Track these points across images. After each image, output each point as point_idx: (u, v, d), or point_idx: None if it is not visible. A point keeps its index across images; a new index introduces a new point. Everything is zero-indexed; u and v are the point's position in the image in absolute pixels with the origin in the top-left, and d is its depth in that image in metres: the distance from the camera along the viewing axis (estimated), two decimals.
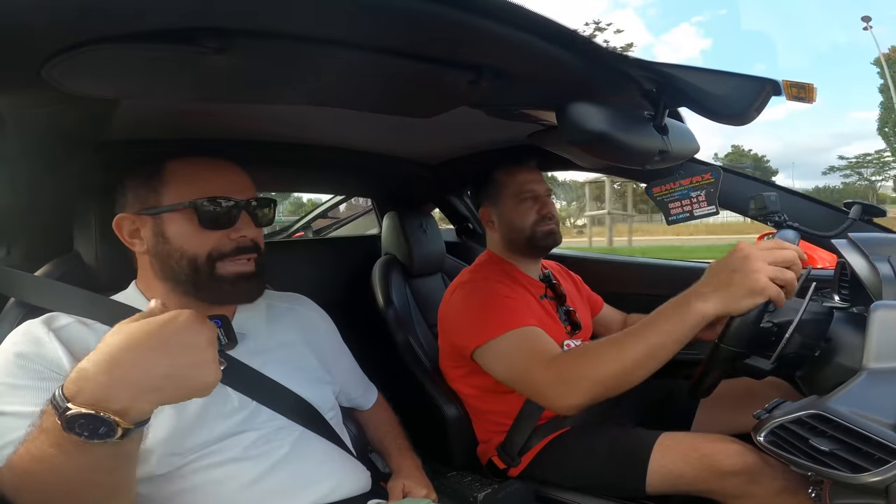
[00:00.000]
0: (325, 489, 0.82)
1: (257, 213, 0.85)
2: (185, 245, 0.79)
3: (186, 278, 0.80)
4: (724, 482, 0.99)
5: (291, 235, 3.24)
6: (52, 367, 0.70)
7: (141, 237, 0.82)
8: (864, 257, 0.85)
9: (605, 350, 0.92)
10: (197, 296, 0.81)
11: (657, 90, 0.83)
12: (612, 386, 0.91)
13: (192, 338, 0.57)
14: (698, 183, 1.10)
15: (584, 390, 0.93)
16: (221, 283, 0.80)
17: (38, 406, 0.65)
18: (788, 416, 0.73)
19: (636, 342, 0.88)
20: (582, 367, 0.94)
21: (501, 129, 1.27)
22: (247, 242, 0.83)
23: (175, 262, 0.79)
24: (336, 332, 1.08)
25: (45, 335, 0.72)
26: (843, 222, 1.16)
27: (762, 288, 0.78)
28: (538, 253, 1.35)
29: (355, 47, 0.62)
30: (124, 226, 0.82)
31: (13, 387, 0.68)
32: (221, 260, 0.80)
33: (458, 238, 2.08)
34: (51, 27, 0.51)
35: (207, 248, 0.80)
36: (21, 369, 0.69)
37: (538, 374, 1.00)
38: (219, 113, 1.03)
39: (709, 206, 1.10)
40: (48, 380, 0.69)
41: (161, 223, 0.80)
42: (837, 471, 0.68)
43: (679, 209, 1.13)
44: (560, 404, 0.97)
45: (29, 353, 0.70)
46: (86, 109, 0.81)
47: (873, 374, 0.69)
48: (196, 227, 0.79)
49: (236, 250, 0.81)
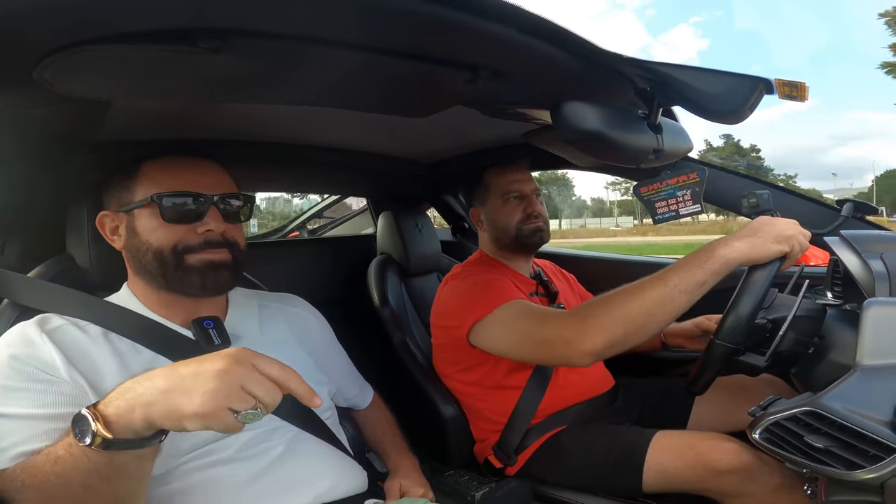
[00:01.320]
0: (320, 489, 0.81)
1: (228, 209, 0.84)
2: (151, 239, 0.80)
3: (156, 271, 0.80)
4: (720, 480, 1.00)
5: (286, 235, 3.22)
6: (46, 368, 0.70)
7: (119, 234, 0.84)
8: (857, 254, 0.86)
9: (626, 291, 0.93)
10: (169, 288, 0.81)
11: (651, 89, 0.84)
12: (631, 329, 0.90)
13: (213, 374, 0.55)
14: (684, 182, 1.12)
15: (603, 330, 0.92)
16: (189, 273, 0.80)
17: (35, 408, 0.67)
18: (783, 413, 0.73)
19: (657, 285, 0.89)
20: (602, 306, 0.94)
21: (497, 129, 1.28)
22: (214, 237, 0.82)
23: (142, 256, 0.80)
24: (331, 331, 1.07)
25: (39, 337, 0.72)
26: (835, 220, 1.17)
27: (789, 236, 0.85)
28: (526, 251, 1.37)
29: (351, 47, 0.62)
30: (105, 223, 0.84)
31: (8, 389, 0.68)
32: (189, 253, 0.80)
33: (453, 237, 2.08)
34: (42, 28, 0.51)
35: (172, 242, 0.80)
36: (15, 371, 0.69)
37: (549, 325, 1.01)
38: (212, 113, 1.03)
39: (694, 205, 1.13)
40: (42, 381, 0.69)
41: (132, 219, 0.82)
42: (832, 468, 0.68)
43: (665, 208, 1.15)
44: (577, 348, 0.95)
45: (22, 356, 0.70)
46: (78, 111, 0.81)
47: (867, 371, 0.70)
48: (160, 221, 0.80)
49: (204, 244, 0.81)
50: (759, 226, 0.88)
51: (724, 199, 1.27)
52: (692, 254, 0.90)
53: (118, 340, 0.77)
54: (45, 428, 0.66)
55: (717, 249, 0.87)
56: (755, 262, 0.85)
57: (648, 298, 0.89)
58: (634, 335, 0.91)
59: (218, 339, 0.83)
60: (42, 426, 0.66)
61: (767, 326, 0.85)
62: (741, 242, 0.86)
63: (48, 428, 0.66)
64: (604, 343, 0.92)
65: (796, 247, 0.85)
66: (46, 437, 0.65)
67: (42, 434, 0.66)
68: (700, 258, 0.88)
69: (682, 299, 0.87)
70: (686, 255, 0.91)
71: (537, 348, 1.05)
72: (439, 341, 1.32)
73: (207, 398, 0.52)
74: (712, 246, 0.89)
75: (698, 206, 1.12)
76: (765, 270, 0.84)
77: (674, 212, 1.14)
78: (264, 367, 0.56)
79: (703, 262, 0.87)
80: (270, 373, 0.56)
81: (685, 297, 0.87)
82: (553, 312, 1.06)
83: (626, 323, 0.90)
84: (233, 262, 0.83)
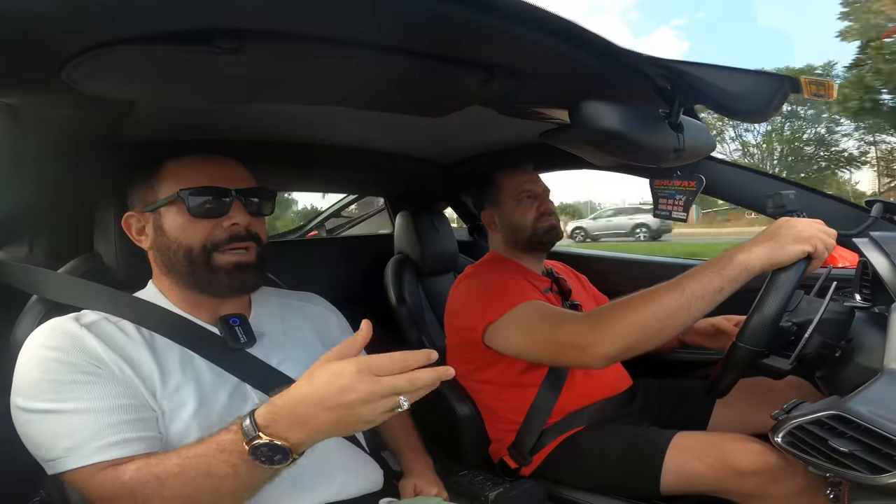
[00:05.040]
0: (337, 486, 0.82)
1: (251, 202, 0.86)
2: (180, 236, 0.81)
3: (185, 270, 0.82)
4: (742, 482, 0.98)
5: (305, 235, 3.26)
6: (92, 359, 0.71)
7: (146, 234, 0.85)
8: (886, 256, 0.84)
9: (641, 297, 0.91)
10: (197, 287, 0.83)
11: (672, 88, 0.83)
12: (645, 336, 0.90)
13: (359, 402, 0.60)
14: (683, 188, 1.11)
15: (617, 336, 0.91)
16: (218, 273, 0.81)
17: (92, 401, 0.68)
18: (807, 416, 0.72)
19: (674, 291, 0.88)
20: (617, 311, 0.93)
21: (514, 128, 1.27)
22: (240, 230, 0.83)
23: (173, 254, 0.82)
24: (349, 328, 1.08)
25: (79, 330, 0.73)
26: (864, 221, 1.14)
27: (809, 236, 0.82)
28: (541, 249, 1.37)
29: (369, 47, 0.62)
30: (132, 224, 0.85)
31: (59, 383, 0.69)
32: (217, 250, 0.81)
33: (470, 237, 2.08)
34: (70, 29, 0.52)
35: (201, 239, 0.81)
36: (61, 364, 0.70)
37: (564, 329, 1.00)
38: (233, 114, 1.05)
39: (682, 213, 1.12)
40: (91, 374, 0.70)
41: (159, 218, 0.83)
42: (856, 472, 0.67)
43: (664, 206, 1.15)
44: (591, 353, 0.94)
45: (66, 347, 0.71)
46: (103, 110, 0.83)
47: (894, 375, 0.68)
48: (188, 218, 0.81)
49: (230, 238, 0.82)
50: (777, 228, 0.86)
51: (750, 200, 1.25)
52: (712, 259, 0.89)
53: (150, 337, 0.79)
54: (110, 421, 0.68)
55: (736, 255, 0.85)
56: (777, 265, 0.83)
57: (664, 305, 0.88)
58: (649, 341, 0.90)
59: (244, 337, 0.84)
60: (106, 419, 0.68)
61: (792, 329, 0.83)
62: (760, 247, 0.84)
63: (114, 420, 0.68)
64: (617, 349, 0.92)
65: (820, 246, 0.83)
66: (115, 430, 0.68)
67: (110, 427, 0.68)
68: (719, 264, 0.86)
69: (699, 306, 0.86)
70: (706, 260, 0.89)
71: (551, 351, 1.05)
72: (454, 341, 1.32)
73: (367, 423, 0.61)
74: (732, 252, 0.87)
75: (685, 214, 1.11)
76: (790, 272, 0.82)
77: (668, 212, 1.14)
78: (383, 368, 0.60)
79: (722, 269, 0.86)
80: (392, 367, 0.60)
81: (702, 304, 0.86)
82: (568, 315, 1.05)
83: (641, 329, 0.90)
84: (257, 261, 0.85)
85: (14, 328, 0.83)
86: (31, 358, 0.71)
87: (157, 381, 0.75)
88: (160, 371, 0.76)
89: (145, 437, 0.70)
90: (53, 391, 0.68)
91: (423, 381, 0.60)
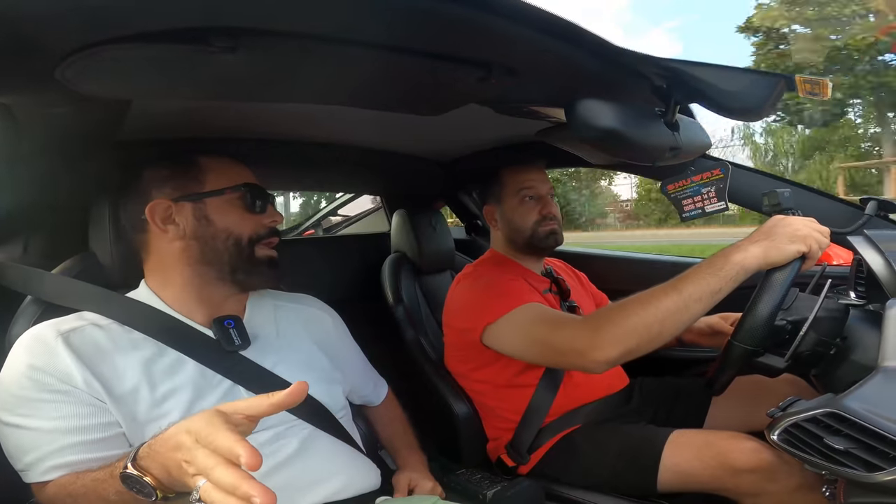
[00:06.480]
0: (334, 486, 0.82)
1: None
2: (231, 226, 0.85)
3: (229, 258, 0.84)
4: (738, 480, 0.98)
5: (302, 233, 3.25)
6: (63, 377, 0.71)
7: (176, 223, 0.83)
8: (881, 254, 0.84)
9: (639, 300, 0.92)
10: (232, 278, 0.85)
11: (668, 86, 0.83)
12: (645, 338, 0.90)
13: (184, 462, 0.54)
14: (708, 179, 1.10)
15: (617, 341, 0.92)
16: (259, 265, 0.86)
17: (54, 421, 0.69)
18: (803, 414, 0.72)
19: (671, 293, 0.88)
20: (616, 315, 0.93)
21: (511, 127, 1.27)
22: (276, 227, 0.90)
23: (220, 243, 0.84)
24: (345, 329, 1.08)
25: (54, 341, 0.73)
26: (859, 218, 1.14)
27: (804, 235, 0.83)
28: (540, 252, 1.36)
29: (365, 46, 0.62)
30: (157, 211, 0.83)
31: (27, 399, 0.70)
32: (258, 243, 0.87)
33: (467, 235, 2.07)
34: (64, 28, 0.52)
35: (249, 231, 0.86)
36: (31, 381, 0.70)
37: (563, 334, 1.00)
38: (228, 112, 1.04)
39: (719, 202, 1.09)
40: (58, 392, 0.70)
41: (204, 207, 0.84)
42: (852, 469, 0.67)
43: (692, 205, 1.12)
44: (590, 358, 0.95)
45: (38, 364, 0.71)
46: (99, 110, 0.82)
47: (889, 373, 0.68)
48: (241, 210, 0.86)
49: (270, 233, 0.89)
50: (772, 227, 0.86)
51: (746, 198, 1.25)
52: (708, 260, 0.89)
53: (142, 342, 0.78)
54: (68, 442, 0.68)
55: (732, 255, 0.86)
56: (773, 265, 0.83)
57: (662, 308, 0.88)
58: (648, 345, 0.91)
59: (238, 339, 0.84)
60: (64, 440, 0.68)
61: (787, 328, 0.83)
62: (756, 247, 0.85)
63: (71, 442, 0.68)
64: (617, 354, 0.92)
65: (814, 245, 0.83)
66: (70, 451, 0.68)
67: (66, 448, 0.68)
68: (715, 265, 0.87)
69: (697, 308, 0.86)
70: (702, 261, 0.90)
71: (550, 355, 1.06)
72: (451, 341, 1.32)
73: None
74: (728, 251, 0.87)
75: (723, 203, 1.08)
76: (784, 271, 0.82)
77: (700, 209, 1.11)
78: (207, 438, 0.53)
79: (719, 270, 0.86)
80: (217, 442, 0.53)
81: (700, 305, 0.86)
82: (567, 319, 1.05)
83: (640, 333, 0.90)
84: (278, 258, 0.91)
85: (9, 328, 0.83)
86: (10, 371, 0.72)
87: (141, 392, 0.74)
88: (147, 379, 0.75)
89: (101, 458, 0.69)
90: (24, 406, 0.69)
91: (221, 480, 0.51)
